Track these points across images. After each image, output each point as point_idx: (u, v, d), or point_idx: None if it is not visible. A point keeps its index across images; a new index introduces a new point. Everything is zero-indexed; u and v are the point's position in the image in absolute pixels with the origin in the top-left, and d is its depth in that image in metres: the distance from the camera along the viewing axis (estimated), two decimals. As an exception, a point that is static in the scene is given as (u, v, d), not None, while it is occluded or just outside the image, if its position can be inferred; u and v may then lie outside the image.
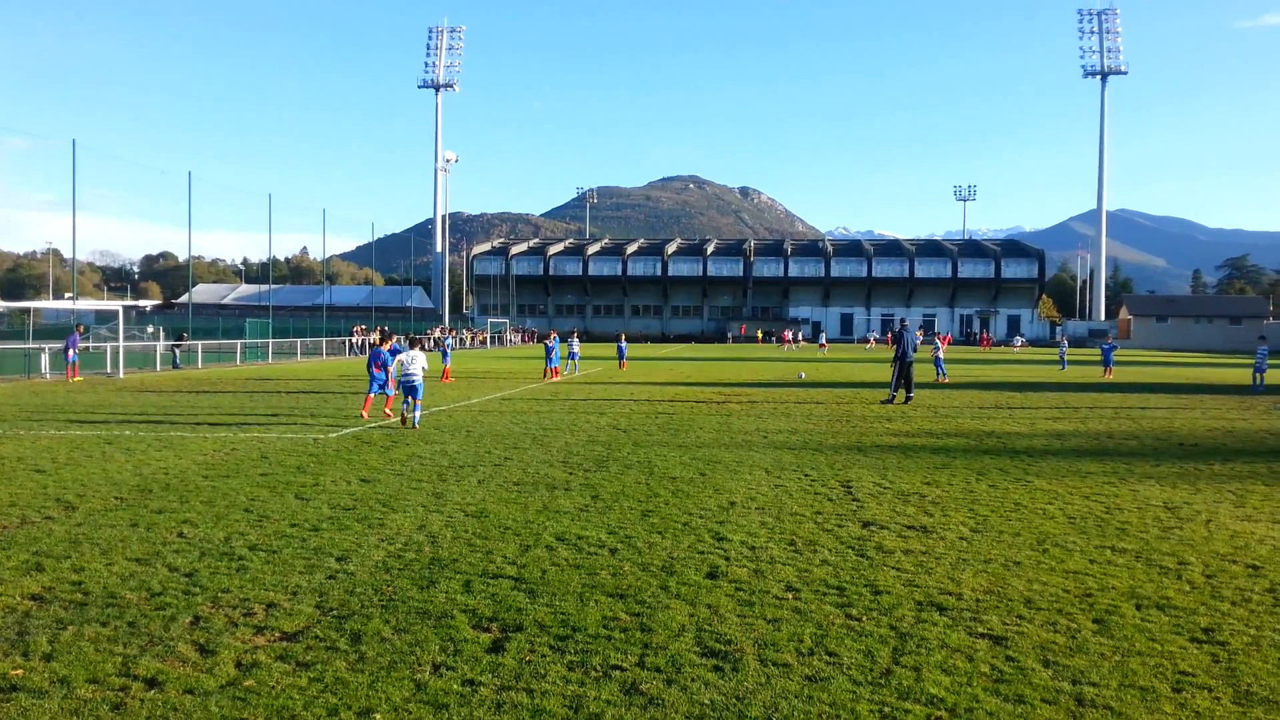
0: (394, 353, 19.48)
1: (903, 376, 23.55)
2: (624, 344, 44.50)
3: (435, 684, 5.08)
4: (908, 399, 23.42)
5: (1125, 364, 53.50)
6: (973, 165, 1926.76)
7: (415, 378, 17.54)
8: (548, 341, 35.20)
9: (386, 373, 19.10)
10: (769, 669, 5.36)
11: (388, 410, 19.12)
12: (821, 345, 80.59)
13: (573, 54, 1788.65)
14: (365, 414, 19.00)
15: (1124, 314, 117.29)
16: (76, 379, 32.18)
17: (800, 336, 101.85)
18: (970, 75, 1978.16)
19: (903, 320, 26.64)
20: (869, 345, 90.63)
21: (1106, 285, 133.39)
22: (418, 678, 5.17)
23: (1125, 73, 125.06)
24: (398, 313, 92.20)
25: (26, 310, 53.71)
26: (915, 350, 23.90)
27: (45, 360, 34.11)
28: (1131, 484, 11.82)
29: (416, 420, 17.32)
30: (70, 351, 32.45)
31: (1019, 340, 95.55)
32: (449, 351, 35.01)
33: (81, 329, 36.50)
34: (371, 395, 19.20)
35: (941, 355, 35.98)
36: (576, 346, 39.78)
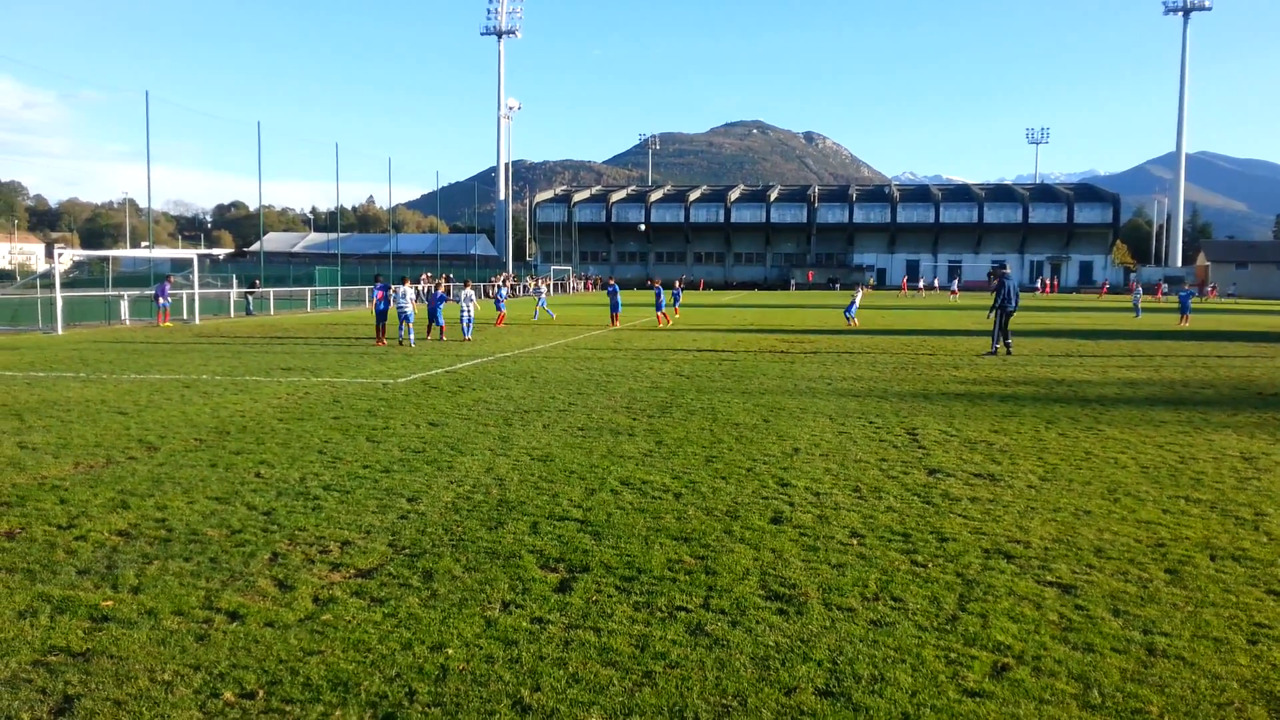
0: (383, 287, 24.87)
1: (1003, 326, 22.89)
2: (679, 289, 41.37)
3: (505, 621, 5.20)
4: (1008, 350, 22.68)
5: (1202, 312, 51.93)
6: (1045, 107, 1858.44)
7: (406, 308, 24.28)
8: (610, 283, 35.45)
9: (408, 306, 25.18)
10: (833, 613, 5.38)
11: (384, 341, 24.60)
12: (953, 293, 77.02)
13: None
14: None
15: (1202, 260, 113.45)
16: (167, 324, 33.59)
17: (921, 284, 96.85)
18: (1044, 15, 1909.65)
19: (1003, 265, 25.54)
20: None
21: (1184, 230, 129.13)
22: (488, 615, 5.29)
23: (1209, 8, 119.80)
24: (462, 260, 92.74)
25: (106, 259, 55.18)
26: (1017, 300, 22.92)
27: (125, 307, 35.20)
28: (1207, 433, 11.54)
29: (411, 339, 24.19)
30: (161, 298, 34.40)
31: (1162, 286, 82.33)
32: (502, 299, 36.44)
33: (173, 279, 37.71)
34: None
35: (858, 302, 37.55)
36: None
